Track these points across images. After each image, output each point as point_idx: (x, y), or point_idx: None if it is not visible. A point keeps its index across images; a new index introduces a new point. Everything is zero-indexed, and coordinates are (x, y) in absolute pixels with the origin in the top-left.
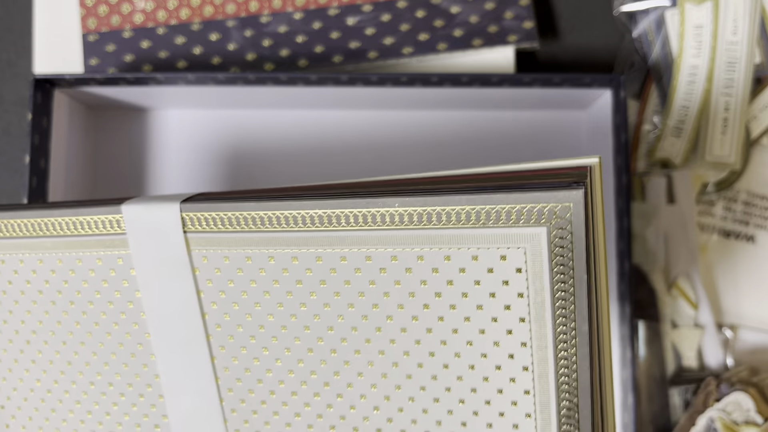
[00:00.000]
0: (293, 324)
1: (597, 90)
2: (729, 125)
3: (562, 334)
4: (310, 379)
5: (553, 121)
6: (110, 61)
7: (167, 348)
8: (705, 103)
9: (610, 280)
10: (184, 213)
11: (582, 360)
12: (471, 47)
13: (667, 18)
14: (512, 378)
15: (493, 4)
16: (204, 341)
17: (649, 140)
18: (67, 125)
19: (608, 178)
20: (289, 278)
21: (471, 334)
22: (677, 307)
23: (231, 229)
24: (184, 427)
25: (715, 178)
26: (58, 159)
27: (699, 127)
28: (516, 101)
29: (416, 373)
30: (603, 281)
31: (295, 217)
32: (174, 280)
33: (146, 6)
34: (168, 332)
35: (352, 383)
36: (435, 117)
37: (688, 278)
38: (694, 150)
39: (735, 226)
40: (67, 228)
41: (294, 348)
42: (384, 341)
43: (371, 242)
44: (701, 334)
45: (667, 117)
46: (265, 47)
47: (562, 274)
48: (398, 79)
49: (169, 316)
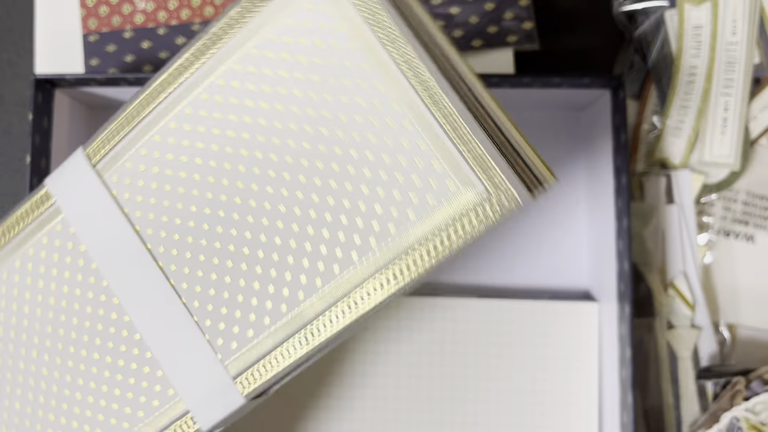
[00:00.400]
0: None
1: (596, 90)
2: (728, 125)
3: None
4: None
5: (552, 122)
6: (111, 61)
7: (121, 276)
8: (704, 103)
9: (609, 279)
10: (87, 151)
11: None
12: (471, 48)
13: (666, 18)
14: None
15: (492, 5)
16: (145, 251)
17: (649, 140)
18: (68, 125)
19: (607, 179)
20: (190, 137)
21: None
22: (674, 308)
23: (120, 136)
24: (150, 324)
25: (714, 178)
26: (58, 159)
27: (698, 128)
28: (514, 102)
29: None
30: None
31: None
32: (103, 215)
33: (147, 6)
34: (117, 264)
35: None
36: None
37: (685, 278)
38: (693, 150)
39: (734, 226)
40: (10, 233)
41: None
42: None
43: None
44: (698, 334)
45: (666, 117)
46: None
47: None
48: None
49: (113, 250)
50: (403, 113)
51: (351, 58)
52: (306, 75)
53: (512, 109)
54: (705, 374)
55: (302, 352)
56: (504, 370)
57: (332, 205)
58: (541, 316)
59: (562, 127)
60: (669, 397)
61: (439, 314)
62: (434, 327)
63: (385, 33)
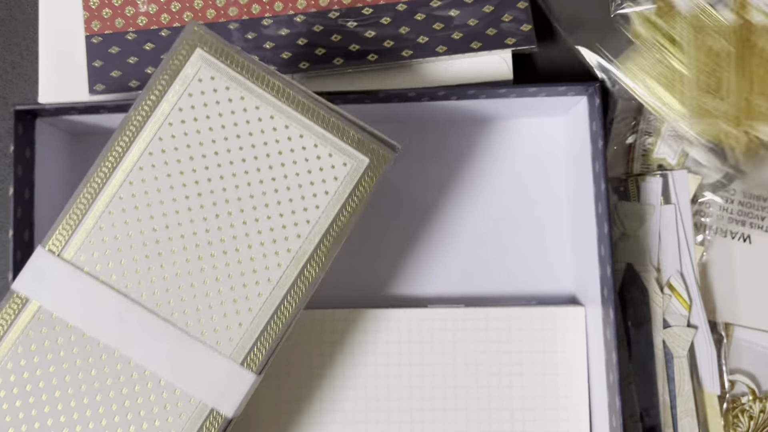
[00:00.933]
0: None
1: (576, 97)
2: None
3: None
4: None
5: (534, 128)
6: (114, 63)
7: (113, 330)
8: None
9: (593, 284)
10: (48, 246)
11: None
12: (470, 50)
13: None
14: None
15: (491, 7)
16: (129, 303)
17: (647, 141)
18: (51, 154)
19: (588, 185)
20: (139, 201)
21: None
22: (670, 307)
23: (75, 222)
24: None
25: (711, 179)
26: (42, 188)
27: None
28: (494, 110)
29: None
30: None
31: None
32: (81, 291)
33: (149, 9)
34: (106, 322)
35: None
36: (413, 129)
37: (681, 278)
38: (689, 151)
39: (732, 226)
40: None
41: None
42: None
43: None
44: (693, 333)
45: (662, 120)
46: (266, 49)
47: None
48: (376, 94)
49: (99, 313)
50: (293, 126)
51: (245, 103)
52: (215, 130)
53: (496, 117)
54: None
55: (286, 321)
56: (494, 377)
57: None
58: (528, 322)
59: (542, 134)
60: (665, 396)
61: (427, 325)
62: (423, 338)
63: (257, 77)
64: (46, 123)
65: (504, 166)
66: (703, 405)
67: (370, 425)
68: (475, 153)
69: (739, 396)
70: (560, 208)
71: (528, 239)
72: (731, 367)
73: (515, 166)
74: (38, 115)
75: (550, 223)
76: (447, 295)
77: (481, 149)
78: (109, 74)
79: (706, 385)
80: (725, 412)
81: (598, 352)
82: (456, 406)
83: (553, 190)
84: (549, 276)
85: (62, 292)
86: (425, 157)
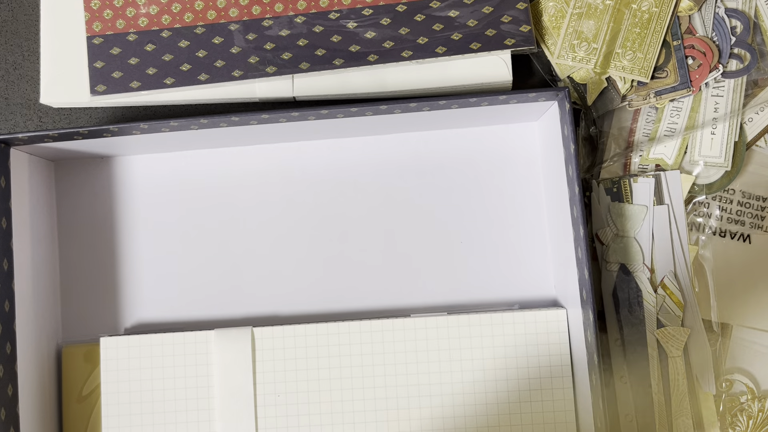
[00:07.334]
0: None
1: (545, 102)
2: (719, 127)
3: None
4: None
5: (509, 134)
6: (115, 64)
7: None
8: (696, 104)
9: (573, 287)
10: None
11: None
12: (469, 51)
13: None
14: None
15: (490, 8)
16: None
17: (642, 142)
18: (28, 181)
19: (562, 188)
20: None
21: None
22: (664, 307)
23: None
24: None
25: (706, 179)
26: (20, 216)
27: (690, 128)
28: (470, 118)
29: None
30: None
31: None
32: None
33: (150, 10)
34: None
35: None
36: (390, 140)
37: (675, 278)
38: (685, 151)
39: (730, 226)
40: None
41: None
42: None
43: None
44: (688, 333)
45: (659, 118)
46: (267, 50)
47: None
48: (351, 109)
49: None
50: None
51: None
52: None
53: (472, 125)
54: None
55: None
56: (479, 383)
57: None
58: (512, 327)
59: (517, 140)
60: (659, 396)
61: (411, 335)
62: (408, 347)
63: None
64: (22, 151)
65: (481, 174)
66: (698, 405)
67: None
68: (452, 161)
69: (738, 395)
70: (539, 213)
71: (508, 244)
72: (730, 367)
73: (493, 173)
74: (11, 144)
75: (530, 227)
76: (429, 303)
77: (458, 157)
78: (111, 75)
79: (702, 385)
80: (723, 412)
81: (582, 354)
82: (443, 414)
83: (531, 195)
84: (530, 280)
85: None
86: (403, 167)
